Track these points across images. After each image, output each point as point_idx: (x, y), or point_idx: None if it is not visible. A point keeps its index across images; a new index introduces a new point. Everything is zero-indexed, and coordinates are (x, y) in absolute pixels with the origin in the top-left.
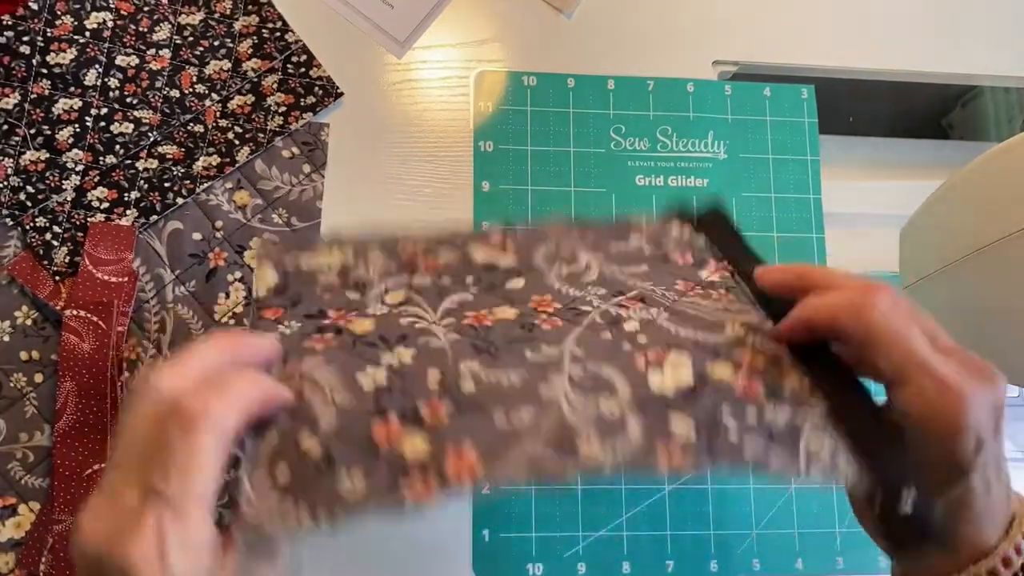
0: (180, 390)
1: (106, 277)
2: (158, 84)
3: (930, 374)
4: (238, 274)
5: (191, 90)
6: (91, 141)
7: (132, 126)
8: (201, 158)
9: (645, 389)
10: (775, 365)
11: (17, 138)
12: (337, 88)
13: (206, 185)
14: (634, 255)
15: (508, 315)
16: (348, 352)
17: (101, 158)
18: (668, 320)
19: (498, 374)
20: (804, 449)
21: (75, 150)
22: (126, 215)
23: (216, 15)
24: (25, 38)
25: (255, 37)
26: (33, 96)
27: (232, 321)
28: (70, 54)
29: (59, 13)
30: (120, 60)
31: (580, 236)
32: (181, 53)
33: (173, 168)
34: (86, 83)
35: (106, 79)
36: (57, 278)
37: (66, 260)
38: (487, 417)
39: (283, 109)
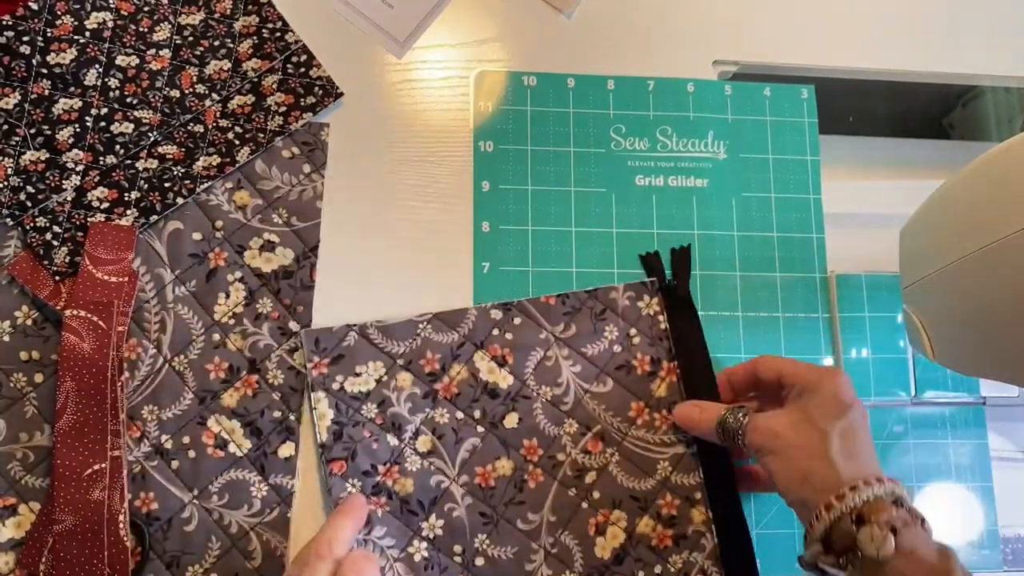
0: (346, 554)
1: (106, 277)
2: (158, 84)
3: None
4: (238, 274)
5: (191, 90)
6: (91, 141)
7: (132, 126)
8: (201, 158)
9: (591, 558)
10: (687, 502)
11: (17, 138)
12: (337, 88)
13: (206, 185)
14: (604, 358)
15: (506, 471)
16: (399, 519)
17: (101, 158)
18: (617, 464)
19: (498, 551)
20: None
21: (75, 150)
22: (126, 215)
23: (216, 15)
24: (25, 38)
25: (255, 37)
26: (33, 96)
27: (232, 321)
28: (70, 54)
29: (59, 13)
30: (120, 60)
31: (565, 339)
32: (181, 53)
33: (173, 168)
34: (86, 83)
35: (106, 79)
36: (57, 278)
37: (66, 260)
38: None
39: (283, 109)
